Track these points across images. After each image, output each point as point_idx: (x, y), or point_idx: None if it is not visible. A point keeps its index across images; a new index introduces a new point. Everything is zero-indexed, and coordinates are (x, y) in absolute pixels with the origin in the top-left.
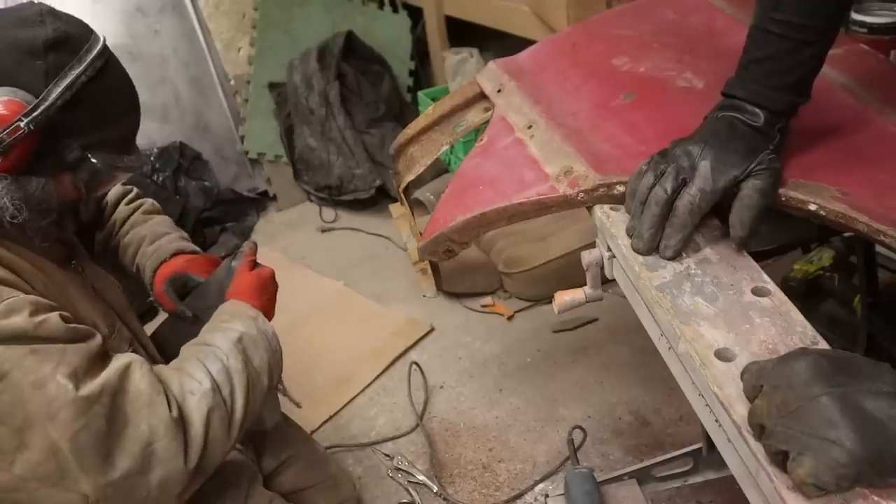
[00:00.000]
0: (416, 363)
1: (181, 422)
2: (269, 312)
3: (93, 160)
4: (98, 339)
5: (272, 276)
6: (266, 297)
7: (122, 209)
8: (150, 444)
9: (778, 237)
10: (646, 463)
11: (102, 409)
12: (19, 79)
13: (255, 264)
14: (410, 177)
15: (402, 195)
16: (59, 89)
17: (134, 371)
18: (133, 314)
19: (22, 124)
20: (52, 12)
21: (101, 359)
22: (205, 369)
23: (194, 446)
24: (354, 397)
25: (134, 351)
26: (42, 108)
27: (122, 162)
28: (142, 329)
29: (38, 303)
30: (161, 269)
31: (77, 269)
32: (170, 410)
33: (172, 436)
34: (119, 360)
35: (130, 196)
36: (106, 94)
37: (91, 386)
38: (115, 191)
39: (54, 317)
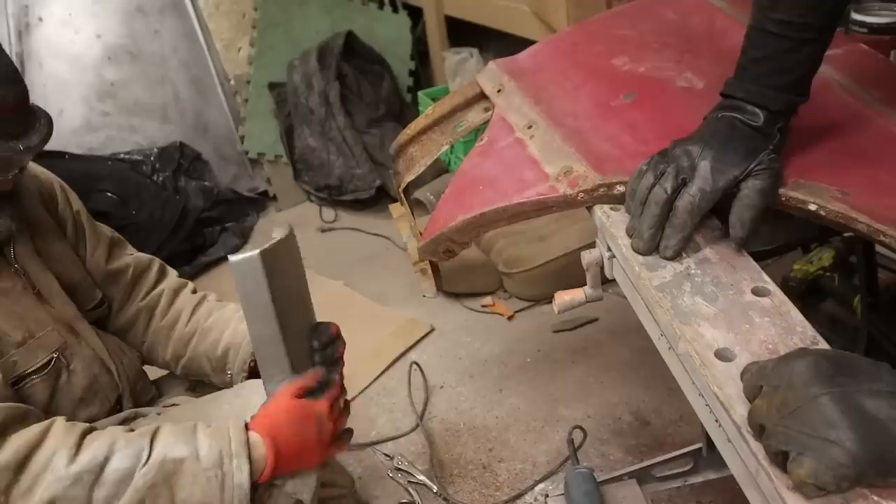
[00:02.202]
0: (416, 363)
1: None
2: (292, 459)
3: None
4: None
5: (324, 416)
6: (300, 439)
7: (187, 298)
8: None
9: (778, 237)
10: (646, 463)
11: None
12: None
13: (311, 392)
14: (410, 177)
15: (402, 195)
16: None
17: None
18: (84, 323)
19: None
20: None
21: None
22: (101, 456)
23: None
24: (354, 397)
25: (61, 357)
26: None
27: None
28: (94, 333)
29: None
30: None
31: (17, 273)
32: None
33: None
34: None
35: (192, 286)
36: None
37: None
38: (172, 282)
39: None
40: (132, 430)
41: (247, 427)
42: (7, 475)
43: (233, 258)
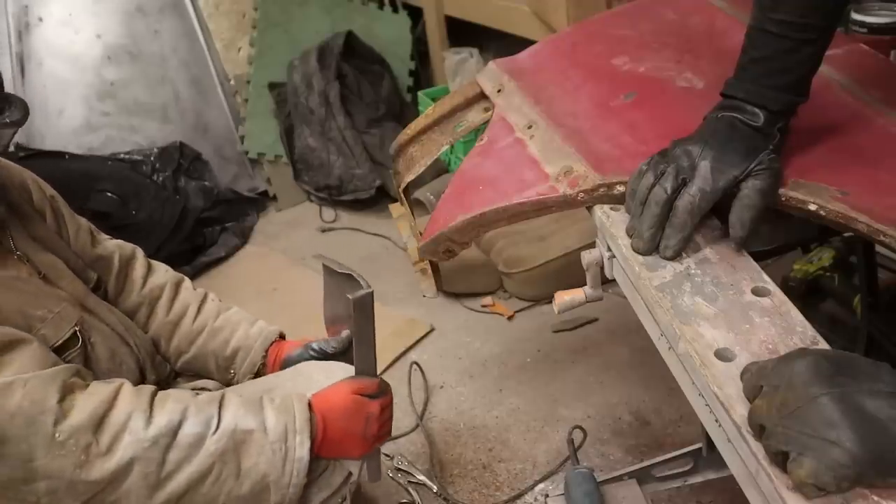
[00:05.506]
0: (416, 363)
1: (74, 440)
2: (333, 443)
3: None
4: None
5: (373, 416)
6: (345, 428)
7: (190, 293)
8: (31, 461)
9: (778, 237)
10: (646, 463)
11: None
12: None
13: (367, 395)
14: (410, 177)
15: (402, 195)
16: None
17: (15, 389)
18: (94, 298)
19: None
20: None
21: None
22: (176, 419)
23: (99, 472)
24: None
25: (82, 331)
26: None
27: None
28: (106, 308)
29: None
30: (272, 350)
31: (21, 259)
32: (55, 428)
33: (55, 454)
34: (3, 377)
35: (189, 280)
36: None
37: None
38: (171, 276)
39: None
40: (197, 395)
41: (309, 405)
42: (87, 436)
43: (353, 296)
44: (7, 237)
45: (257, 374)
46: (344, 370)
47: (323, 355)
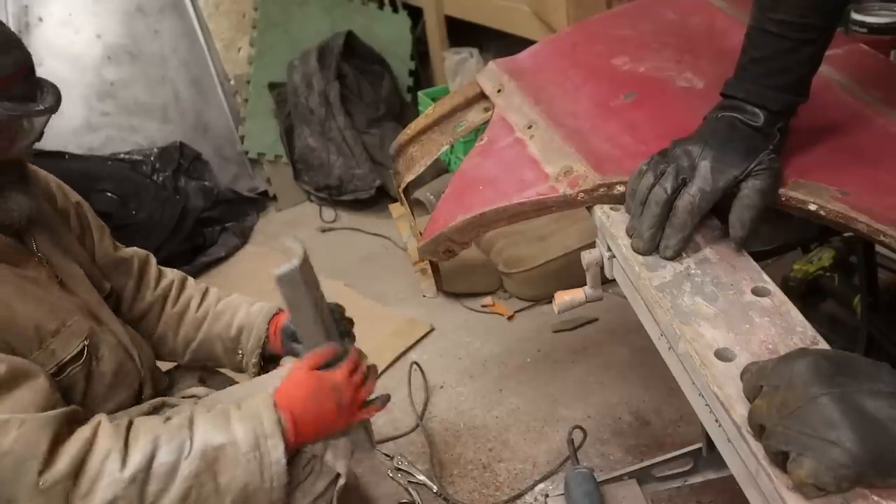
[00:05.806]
0: (416, 363)
1: (57, 488)
2: (310, 429)
3: None
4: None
5: (340, 384)
6: (317, 409)
7: (193, 287)
8: (12, 502)
9: (778, 237)
10: (646, 463)
11: None
12: None
13: (327, 365)
14: (410, 177)
15: (402, 195)
16: None
17: (10, 429)
18: (107, 309)
19: None
20: None
21: None
22: (149, 452)
23: None
24: None
25: (90, 344)
26: None
27: (15, 110)
28: (116, 320)
29: None
30: (272, 322)
31: (41, 261)
32: (40, 476)
33: (36, 502)
34: (1, 413)
35: (192, 279)
36: None
37: None
38: (178, 274)
39: None
40: (168, 419)
41: (275, 405)
42: (67, 483)
43: (274, 272)
44: (30, 238)
45: (263, 349)
46: None
47: None
